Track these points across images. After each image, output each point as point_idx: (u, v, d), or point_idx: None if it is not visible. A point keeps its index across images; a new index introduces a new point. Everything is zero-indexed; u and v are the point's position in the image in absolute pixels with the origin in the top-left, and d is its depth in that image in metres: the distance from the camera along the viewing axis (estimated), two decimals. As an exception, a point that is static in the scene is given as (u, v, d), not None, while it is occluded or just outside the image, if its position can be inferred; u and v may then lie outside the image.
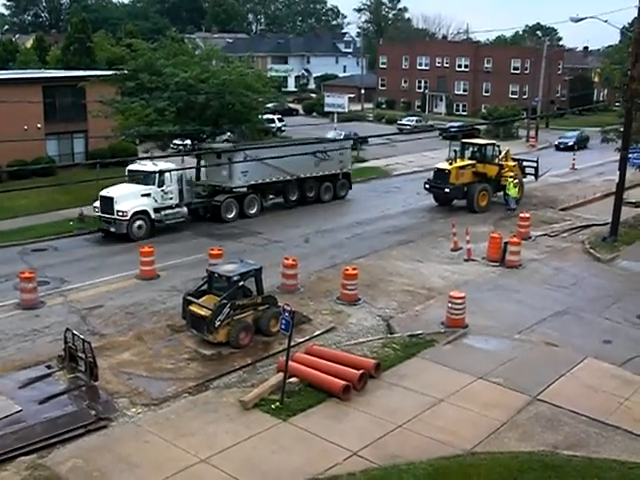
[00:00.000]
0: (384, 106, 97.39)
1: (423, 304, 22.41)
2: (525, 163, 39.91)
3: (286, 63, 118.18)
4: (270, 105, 49.96)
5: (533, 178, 40.17)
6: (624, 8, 35.83)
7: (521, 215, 31.31)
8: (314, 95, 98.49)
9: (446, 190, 35.41)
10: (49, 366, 17.25)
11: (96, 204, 30.16)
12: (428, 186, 36.66)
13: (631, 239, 30.14)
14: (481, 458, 13.52)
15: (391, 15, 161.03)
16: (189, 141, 39.99)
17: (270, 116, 59.07)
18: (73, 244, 29.60)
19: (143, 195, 30.20)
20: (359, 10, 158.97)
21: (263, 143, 40.24)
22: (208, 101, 35.03)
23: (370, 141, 51.35)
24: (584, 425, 14.76)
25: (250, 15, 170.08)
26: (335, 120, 57.90)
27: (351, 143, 40.15)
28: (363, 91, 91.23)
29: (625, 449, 13.91)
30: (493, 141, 40.21)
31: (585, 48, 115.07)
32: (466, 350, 18.69)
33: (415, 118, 75.37)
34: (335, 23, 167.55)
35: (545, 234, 31.25)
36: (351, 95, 68.69)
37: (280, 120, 64.75)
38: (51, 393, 15.74)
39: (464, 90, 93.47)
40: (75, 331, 17.16)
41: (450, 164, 35.84)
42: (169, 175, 30.65)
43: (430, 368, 17.54)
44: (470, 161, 36.46)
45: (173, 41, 42.23)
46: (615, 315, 21.70)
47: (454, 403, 15.67)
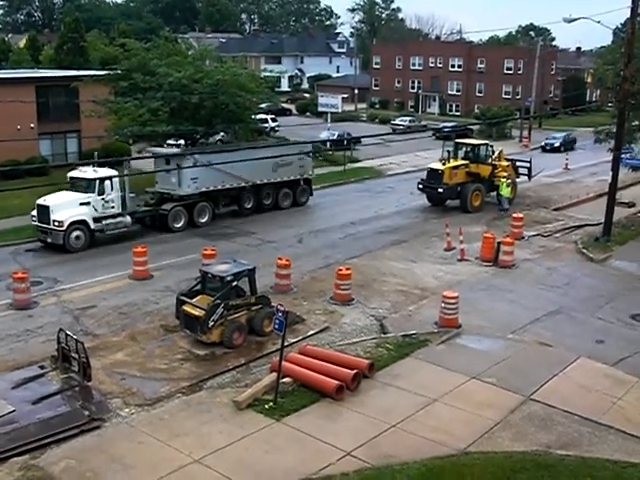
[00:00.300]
0: (377, 106, 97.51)
1: (416, 304, 22.41)
2: (518, 163, 40.00)
3: (279, 63, 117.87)
4: (263, 105, 50.02)
5: (526, 178, 40.32)
6: (617, 9, 36.17)
7: (514, 215, 31.36)
8: (307, 95, 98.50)
9: (439, 190, 35.43)
10: (42, 366, 17.20)
11: (33, 212, 28.43)
12: (421, 186, 36.66)
13: (624, 239, 30.24)
14: (475, 458, 13.54)
15: (384, 15, 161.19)
16: (182, 141, 39.95)
17: (263, 116, 59.05)
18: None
19: (82, 204, 28.21)
20: (352, 10, 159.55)
21: (213, 148, 38.34)
22: (202, 101, 35.03)
23: (363, 141, 51.29)
24: (577, 425, 14.80)
25: (243, 15, 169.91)
26: (329, 120, 57.84)
27: (310, 148, 37.70)
28: (356, 91, 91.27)
29: (618, 448, 13.96)
30: (486, 141, 40.19)
31: (578, 49, 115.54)
32: (459, 350, 18.71)
33: (408, 118, 75.45)
34: (328, 23, 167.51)
35: (538, 234, 31.31)
36: (344, 95, 68.61)
37: (274, 120, 64.75)
38: (44, 393, 15.69)
39: (457, 90, 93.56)
40: (68, 331, 17.13)
41: (443, 164, 35.81)
42: (109, 182, 28.72)
43: (423, 368, 17.55)
44: (463, 161, 36.45)
45: (167, 41, 42.19)
46: (608, 315, 21.76)
47: (447, 403, 15.69)
